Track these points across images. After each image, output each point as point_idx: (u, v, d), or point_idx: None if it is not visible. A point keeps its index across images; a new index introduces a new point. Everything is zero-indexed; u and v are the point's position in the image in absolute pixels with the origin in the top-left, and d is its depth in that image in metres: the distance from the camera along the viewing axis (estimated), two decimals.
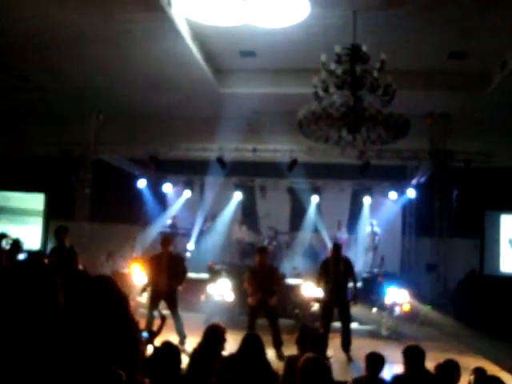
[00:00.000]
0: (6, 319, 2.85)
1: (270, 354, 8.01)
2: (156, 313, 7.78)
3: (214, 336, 4.76)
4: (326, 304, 9.11)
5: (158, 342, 4.64)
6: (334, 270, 9.02)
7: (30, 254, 10.72)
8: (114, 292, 3.92)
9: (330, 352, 7.96)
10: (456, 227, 13.83)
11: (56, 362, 2.46)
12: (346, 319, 9.08)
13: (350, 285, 9.25)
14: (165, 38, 10.20)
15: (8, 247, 9.64)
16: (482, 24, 9.65)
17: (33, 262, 4.26)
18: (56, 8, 9.14)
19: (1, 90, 13.73)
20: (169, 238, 10.03)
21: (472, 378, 4.55)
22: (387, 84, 7.60)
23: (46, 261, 7.65)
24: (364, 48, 7.76)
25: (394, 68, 8.31)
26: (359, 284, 9.27)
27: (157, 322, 8.54)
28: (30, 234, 15.97)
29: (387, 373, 5.17)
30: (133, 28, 9.85)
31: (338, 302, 9.00)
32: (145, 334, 4.48)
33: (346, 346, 8.87)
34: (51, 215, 16.23)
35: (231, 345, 7.37)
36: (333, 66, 7.66)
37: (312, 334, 5.18)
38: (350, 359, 8.69)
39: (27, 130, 15.58)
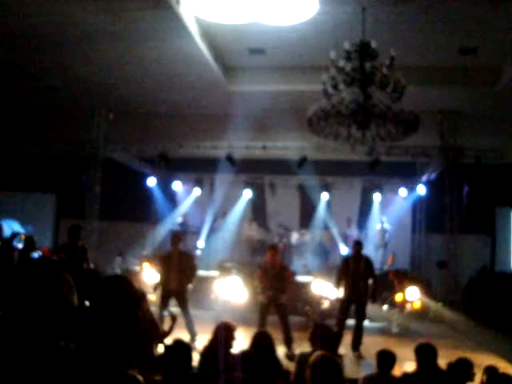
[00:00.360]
0: (24, 318, 2.89)
1: (281, 351, 8.04)
2: (167, 312, 7.81)
3: (223, 334, 4.77)
4: (344, 301, 9.05)
5: (169, 341, 4.65)
6: (354, 267, 8.98)
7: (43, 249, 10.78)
8: (129, 291, 3.98)
9: (342, 350, 7.99)
10: (466, 224, 13.77)
11: (77, 364, 2.49)
12: (361, 317, 9.04)
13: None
14: (174, 36, 10.21)
15: (20, 245, 9.68)
16: (493, 19, 9.57)
17: (47, 261, 4.29)
18: (66, 7, 9.16)
19: (12, 89, 13.80)
20: (178, 235, 10.05)
21: (484, 377, 4.53)
22: (397, 80, 7.57)
23: (55, 257, 7.66)
24: (373, 44, 7.73)
25: (403, 64, 8.29)
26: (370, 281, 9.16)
27: (168, 321, 8.63)
28: (41, 233, 16.08)
29: (398, 370, 5.16)
30: (142, 26, 9.85)
31: (355, 300, 8.94)
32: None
33: (355, 345, 8.84)
34: (61, 214, 16.33)
35: (242, 342, 7.39)
36: (342, 63, 7.63)
37: (325, 332, 5.16)
38: (359, 357, 8.64)
39: (37, 129, 15.64)
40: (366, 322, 9.71)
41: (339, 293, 9.18)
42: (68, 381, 2.48)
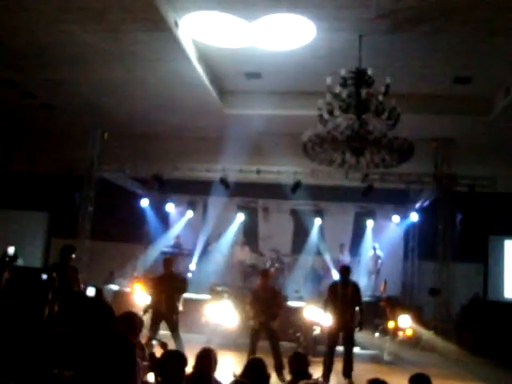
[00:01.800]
0: (15, 343, 2.84)
1: (273, 377, 7.94)
2: (155, 341, 7.71)
3: (205, 359, 4.67)
4: (332, 329, 8.80)
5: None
6: (342, 293, 8.76)
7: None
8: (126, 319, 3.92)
9: (334, 377, 7.91)
10: (459, 251, 13.74)
11: None
12: (350, 345, 8.78)
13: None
14: (171, 59, 10.27)
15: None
16: (487, 49, 9.70)
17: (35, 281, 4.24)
18: (64, 27, 9.21)
19: (7, 107, 13.81)
20: (171, 259, 9.98)
21: None
22: (392, 108, 7.63)
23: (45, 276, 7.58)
24: (369, 72, 7.81)
25: (398, 92, 8.33)
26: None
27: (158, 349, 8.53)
28: (32, 251, 15.97)
29: None
30: (140, 48, 9.92)
31: (343, 328, 8.70)
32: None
33: (347, 372, 8.58)
34: (53, 232, 16.21)
35: (232, 367, 7.30)
36: (338, 89, 7.69)
37: (298, 361, 5.15)
38: None
39: (31, 147, 15.63)
40: (358, 350, 9.64)
41: (330, 320, 8.99)
42: None
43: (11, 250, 11.20)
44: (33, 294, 3.44)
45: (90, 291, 11.31)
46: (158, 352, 5.38)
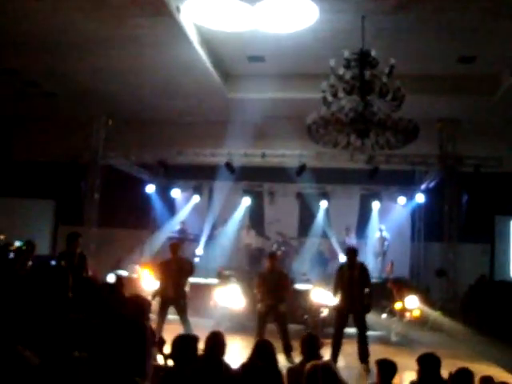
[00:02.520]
0: (37, 327, 2.89)
1: (281, 360, 8.00)
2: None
3: (214, 343, 4.69)
4: (340, 311, 8.76)
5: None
6: (349, 275, 8.68)
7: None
8: (135, 300, 3.97)
9: (345, 360, 7.94)
10: (466, 232, 13.75)
11: (91, 374, 2.49)
12: (362, 328, 8.67)
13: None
14: (173, 44, 10.24)
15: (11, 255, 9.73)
16: (491, 28, 9.62)
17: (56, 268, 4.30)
18: (66, 14, 9.19)
19: (10, 96, 13.80)
20: (177, 244, 10.00)
21: None
22: (396, 89, 7.57)
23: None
24: (373, 53, 7.74)
25: (403, 73, 8.30)
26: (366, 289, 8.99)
27: (167, 327, 8.60)
28: (39, 240, 16.05)
29: (397, 379, 5.12)
30: (142, 34, 9.88)
31: (352, 310, 8.63)
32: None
33: (363, 356, 8.47)
34: (60, 220, 16.29)
35: (240, 350, 7.37)
36: (341, 71, 7.64)
37: (310, 342, 5.15)
38: (367, 370, 8.22)
39: (36, 136, 15.65)
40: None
41: (336, 302, 8.95)
42: None
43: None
44: (56, 279, 3.50)
45: (111, 278, 11.44)
46: (168, 336, 5.44)
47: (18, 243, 11.10)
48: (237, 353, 6.84)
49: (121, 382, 2.46)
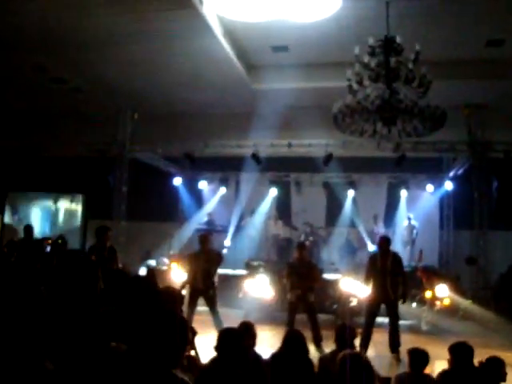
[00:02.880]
0: (75, 319, 2.95)
1: (311, 350, 8.01)
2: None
3: (245, 333, 4.70)
4: (371, 299, 8.71)
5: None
6: (382, 264, 8.61)
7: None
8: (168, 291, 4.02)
9: (375, 349, 7.91)
10: (496, 219, 13.54)
11: (129, 366, 2.53)
12: (394, 317, 8.61)
13: None
14: (197, 36, 10.24)
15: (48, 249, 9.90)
16: None
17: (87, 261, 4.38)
18: (91, 9, 9.26)
19: (38, 92, 13.99)
20: (206, 235, 10.04)
21: None
22: (422, 75, 7.48)
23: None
24: (398, 39, 7.65)
25: (429, 59, 8.18)
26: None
27: (196, 318, 8.66)
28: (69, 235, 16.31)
29: (429, 369, 5.08)
30: (165, 27, 9.90)
31: (384, 299, 8.56)
32: None
33: (394, 346, 8.41)
34: (89, 215, 16.51)
35: (270, 341, 7.39)
36: (366, 59, 7.57)
37: (344, 332, 5.11)
38: (398, 360, 8.19)
39: (63, 131, 15.83)
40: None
41: (367, 291, 8.90)
42: (122, 381, 2.53)
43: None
44: (86, 272, 3.56)
45: (143, 271, 11.61)
46: (198, 327, 5.49)
47: None
48: (267, 343, 6.86)
49: (159, 374, 2.49)
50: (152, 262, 13.64)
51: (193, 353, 4.88)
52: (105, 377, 2.60)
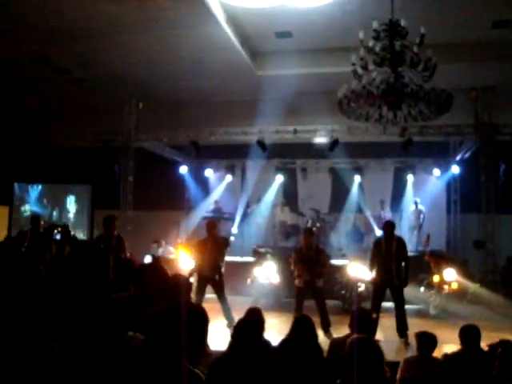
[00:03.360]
0: (89, 308, 2.97)
1: (320, 335, 8.03)
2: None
3: (253, 319, 4.71)
4: (376, 285, 8.73)
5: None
6: (386, 249, 8.62)
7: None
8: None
9: (379, 333, 7.90)
10: (503, 202, 13.49)
11: (145, 355, 2.54)
12: (400, 302, 8.63)
13: None
14: (199, 23, 10.20)
15: (58, 237, 9.92)
16: None
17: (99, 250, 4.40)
18: (91, 0, 9.24)
19: (42, 83, 13.98)
20: (214, 222, 10.05)
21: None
22: (428, 59, 7.42)
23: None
24: (402, 23, 7.57)
25: (434, 42, 8.10)
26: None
27: (204, 306, 8.69)
28: (76, 225, 16.41)
29: (437, 352, 5.09)
30: (167, 15, 9.87)
31: (389, 284, 8.57)
32: None
33: (402, 330, 8.43)
34: (96, 205, 16.57)
35: (278, 326, 7.41)
36: (371, 43, 7.51)
37: (363, 316, 5.07)
38: (406, 344, 8.18)
39: (69, 122, 15.84)
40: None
41: (372, 275, 8.88)
42: (137, 371, 2.54)
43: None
44: (98, 260, 3.57)
45: (147, 259, 11.64)
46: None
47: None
48: (276, 329, 6.88)
49: (173, 365, 2.49)
50: (159, 251, 13.68)
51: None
52: (118, 366, 2.61)
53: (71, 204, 16.85)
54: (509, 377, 3.84)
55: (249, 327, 3.88)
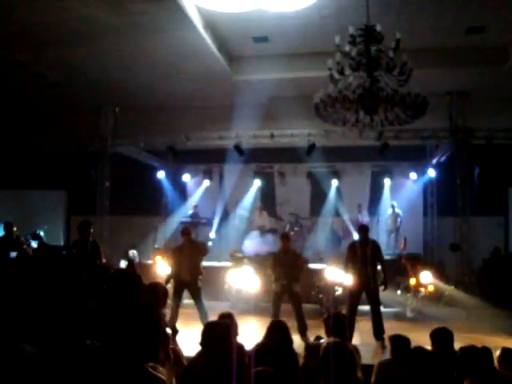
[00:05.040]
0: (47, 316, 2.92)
1: (296, 339, 8.03)
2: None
3: (225, 321, 4.68)
4: (353, 289, 8.77)
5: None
6: (362, 253, 8.70)
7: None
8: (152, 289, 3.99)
9: (356, 337, 7.93)
10: (479, 205, 13.63)
11: (103, 363, 2.51)
12: (376, 305, 8.69)
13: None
14: (176, 28, 10.16)
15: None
16: None
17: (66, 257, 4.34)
18: (69, 2, 9.15)
19: (18, 87, 13.82)
20: (188, 228, 10.02)
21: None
22: (403, 63, 7.47)
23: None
24: (378, 28, 7.62)
25: (409, 47, 8.19)
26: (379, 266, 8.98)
27: (182, 311, 8.65)
28: (53, 231, 16.21)
29: None
30: (145, 19, 9.81)
31: (365, 287, 8.65)
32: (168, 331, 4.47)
33: (378, 334, 8.47)
34: (72, 210, 16.40)
35: (255, 331, 7.40)
36: (347, 48, 7.55)
37: (338, 321, 5.09)
38: (383, 347, 8.21)
39: (45, 126, 15.68)
40: (381, 308, 9.62)
41: (352, 281, 8.96)
42: (95, 379, 2.51)
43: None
44: (66, 267, 3.54)
45: (123, 264, 11.54)
46: (182, 320, 5.47)
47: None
48: (252, 334, 6.87)
49: (131, 369, 2.47)
50: (134, 256, 13.58)
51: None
52: (81, 374, 2.58)
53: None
54: (466, 376, 3.88)
55: (217, 329, 3.86)
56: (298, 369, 4.45)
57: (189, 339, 5.12)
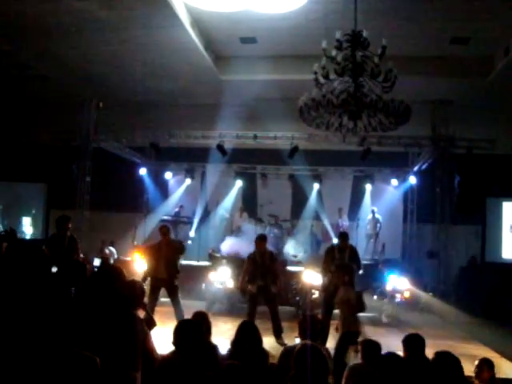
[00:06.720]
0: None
1: (271, 341, 8.03)
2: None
3: (201, 322, 4.68)
4: (328, 292, 8.74)
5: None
6: (339, 257, 8.76)
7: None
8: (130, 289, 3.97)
9: (330, 340, 7.95)
10: (458, 214, 13.77)
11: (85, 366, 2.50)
12: None
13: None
14: (164, 25, 10.13)
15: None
16: (485, 8, 9.55)
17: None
18: None
19: (1, 79, 13.66)
20: (166, 226, 9.94)
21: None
22: (388, 70, 7.52)
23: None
24: (365, 34, 7.66)
25: (395, 54, 8.23)
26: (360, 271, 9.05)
27: (158, 310, 8.60)
28: (32, 224, 16.06)
29: None
30: (132, 15, 9.79)
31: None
32: None
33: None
34: (52, 204, 16.24)
35: (231, 332, 7.37)
36: (333, 53, 7.57)
37: (313, 324, 5.10)
38: (357, 351, 8.35)
39: (27, 119, 15.51)
40: None
41: (324, 283, 8.99)
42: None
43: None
44: (33, 261, 3.48)
45: (96, 262, 11.41)
46: (160, 319, 5.44)
47: None
48: (228, 334, 6.85)
49: (113, 375, 2.46)
50: (112, 252, 13.48)
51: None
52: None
53: (26, 226, 16.45)
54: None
55: (188, 327, 3.85)
56: (267, 367, 4.46)
57: (164, 337, 5.09)
